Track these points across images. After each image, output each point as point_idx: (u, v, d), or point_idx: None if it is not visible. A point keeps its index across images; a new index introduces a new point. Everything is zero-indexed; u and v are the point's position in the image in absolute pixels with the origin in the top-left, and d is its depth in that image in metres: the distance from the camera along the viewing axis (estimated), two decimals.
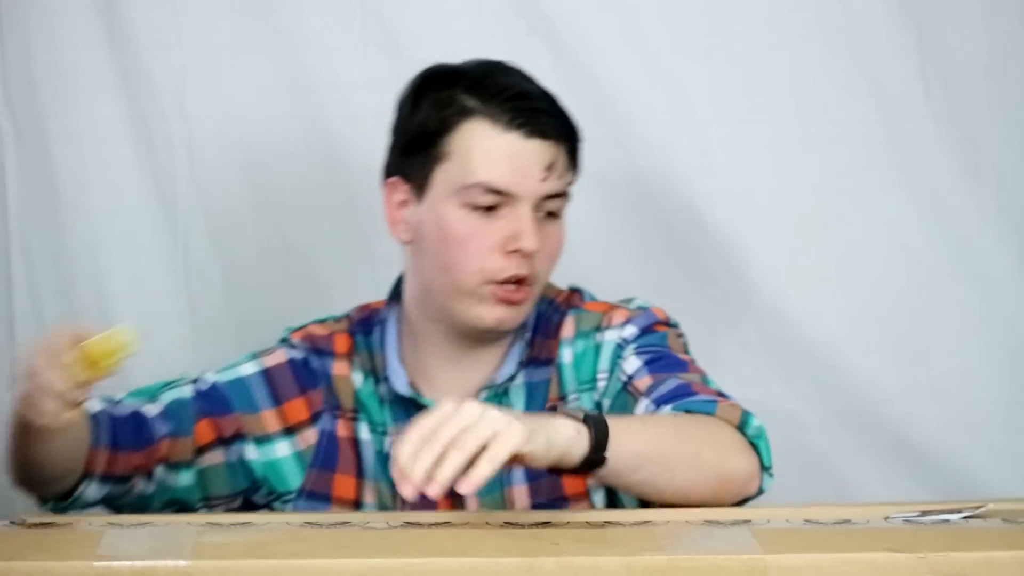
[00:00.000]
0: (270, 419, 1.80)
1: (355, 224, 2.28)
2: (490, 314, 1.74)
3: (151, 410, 1.76)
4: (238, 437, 1.80)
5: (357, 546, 1.31)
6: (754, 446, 1.60)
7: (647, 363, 1.74)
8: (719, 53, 2.26)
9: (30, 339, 2.28)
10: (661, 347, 1.77)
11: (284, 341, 1.86)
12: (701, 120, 2.27)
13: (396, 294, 1.86)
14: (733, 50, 2.25)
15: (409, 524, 1.40)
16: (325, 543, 1.31)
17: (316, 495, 1.78)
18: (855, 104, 2.27)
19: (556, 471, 1.49)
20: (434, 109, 1.76)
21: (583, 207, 2.27)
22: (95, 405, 1.71)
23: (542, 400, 1.79)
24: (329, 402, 1.81)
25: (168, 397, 1.78)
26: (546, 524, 1.40)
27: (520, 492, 1.75)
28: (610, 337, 1.79)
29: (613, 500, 1.74)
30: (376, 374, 1.82)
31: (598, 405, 1.78)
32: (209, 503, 1.78)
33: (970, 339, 2.30)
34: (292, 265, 2.29)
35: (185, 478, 1.76)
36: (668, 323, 1.81)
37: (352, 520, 1.41)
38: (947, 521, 1.40)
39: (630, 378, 1.74)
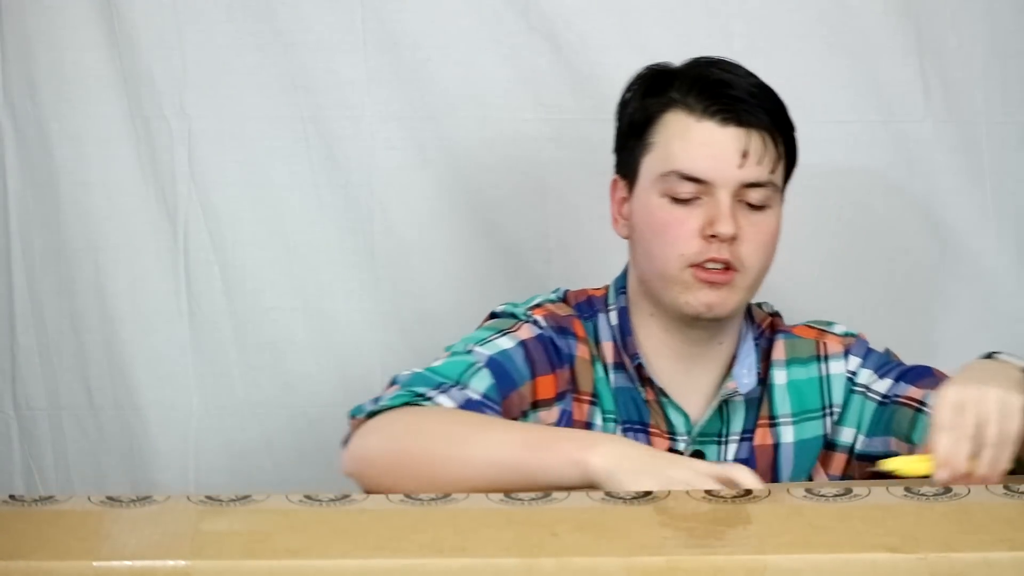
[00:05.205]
0: (527, 392, 1.77)
1: (355, 224, 2.29)
2: (696, 299, 1.75)
3: (474, 396, 1.71)
4: (523, 416, 1.77)
5: (356, 541, 1.31)
6: None
7: (898, 378, 1.82)
8: (719, 53, 2.26)
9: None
10: (893, 362, 1.85)
11: (517, 316, 1.82)
12: None
13: (618, 287, 1.86)
14: (733, 50, 2.25)
15: (409, 498, 1.40)
16: (324, 536, 1.31)
17: None
18: (855, 104, 2.28)
19: None
20: (642, 101, 1.80)
21: (584, 206, 2.29)
22: (447, 403, 1.68)
23: (754, 417, 1.83)
24: (572, 383, 1.80)
25: (479, 384, 1.72)
26: (545, 497, 1.40)
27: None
28: (836, 369, 1.85)
29: None
30: (601, 361, 1.82)
31: (825, 436, 1.83)
32: None
33: (970, 339, 2.30)
34: (292, 264, 2.29)
35: None
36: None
37: (353, 495, 1.41)
38: (948, 491, 1.40)
39: (888, 396, 1.81)
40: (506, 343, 1.78)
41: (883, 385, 1.83)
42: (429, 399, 1.68)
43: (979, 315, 2.31)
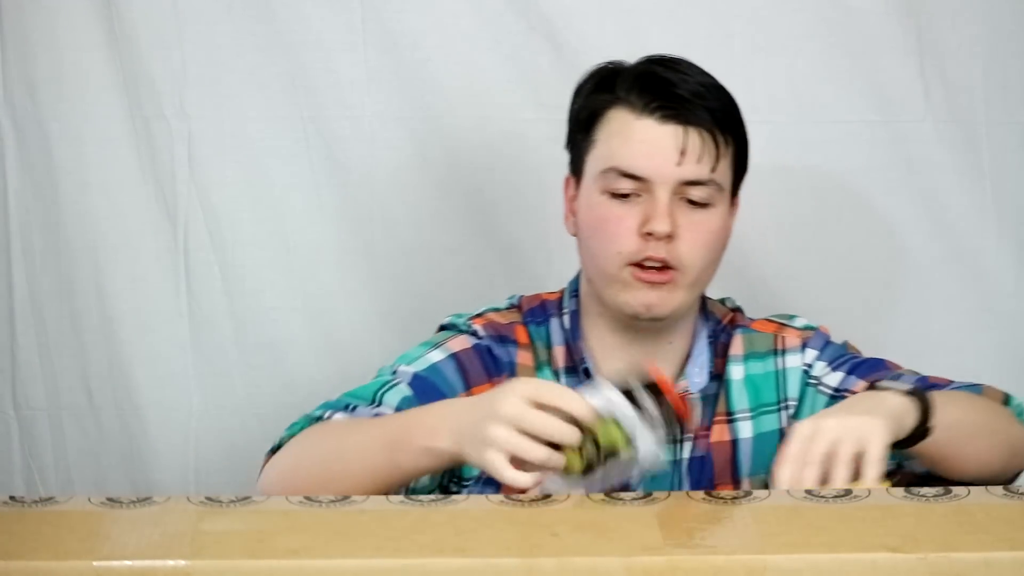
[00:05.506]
0: None
1: (355, 224, 2.29)
2: (635, 298, 1.75)
3: (387, 412, 1.71)
4: None
5: (356, 541, 1.31)
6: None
7: (850, 371, 1.80)
8: (719, 53, 2.26)
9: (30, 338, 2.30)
10: (848, 355, 1.84)
11: (458, 328, 1.83)
12: None
13: (571, 290, 1.86)
14: (733, 50, 2.25)
15: (409, 499, 1.40)
16: (324, 536, 1.31)
17: (492, 481, 1.63)
18: (855, 104, 2.28)
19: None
20: (587, 99, 1.80)
21: None
22: (340, 417, 1.69)
23: (711, 414, 1.82)
24: None
25: (392, 399, 1.73)
26: (546, 498, 1.40)
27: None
28: (792, 363, 1.84)
29: None
30: (552, 366, 1.82)
31: (782, 430, 1.81)
32: (415, 493, 1.71)
33: (970, 339, 2.30)
34: (292, 264, 2.29)
35: None
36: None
37: (353, 496, 1.41)
38: (948, 491, 1.40)
39: (839, 390, 1.79)
40: (436, 356, 1.78)
41: (835, 378, 1.81)
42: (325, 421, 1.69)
43: (979, 315, 2.31)
